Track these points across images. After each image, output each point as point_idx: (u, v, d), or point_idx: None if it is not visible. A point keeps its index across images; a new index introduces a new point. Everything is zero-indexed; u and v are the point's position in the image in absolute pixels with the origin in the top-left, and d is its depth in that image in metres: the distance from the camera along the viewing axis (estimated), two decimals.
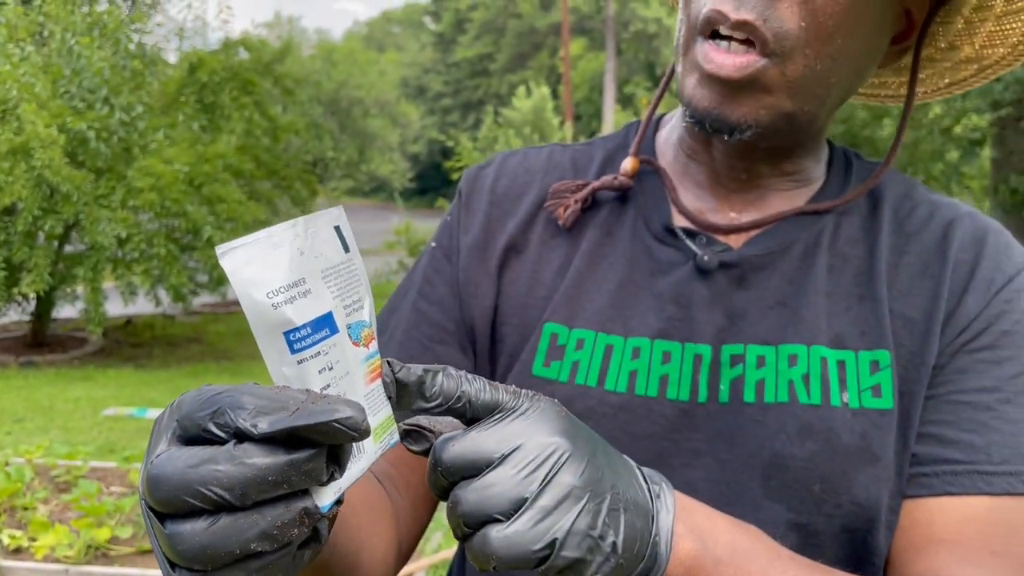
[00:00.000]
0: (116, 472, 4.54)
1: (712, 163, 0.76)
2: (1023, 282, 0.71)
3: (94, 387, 7.53)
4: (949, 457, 0.66)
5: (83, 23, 9.11)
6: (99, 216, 7.70)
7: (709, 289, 0.72)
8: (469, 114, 43.63)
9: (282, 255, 0.45)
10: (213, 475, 0.41)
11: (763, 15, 0.62)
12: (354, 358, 0.48)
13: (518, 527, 0.47)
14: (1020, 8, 0.68)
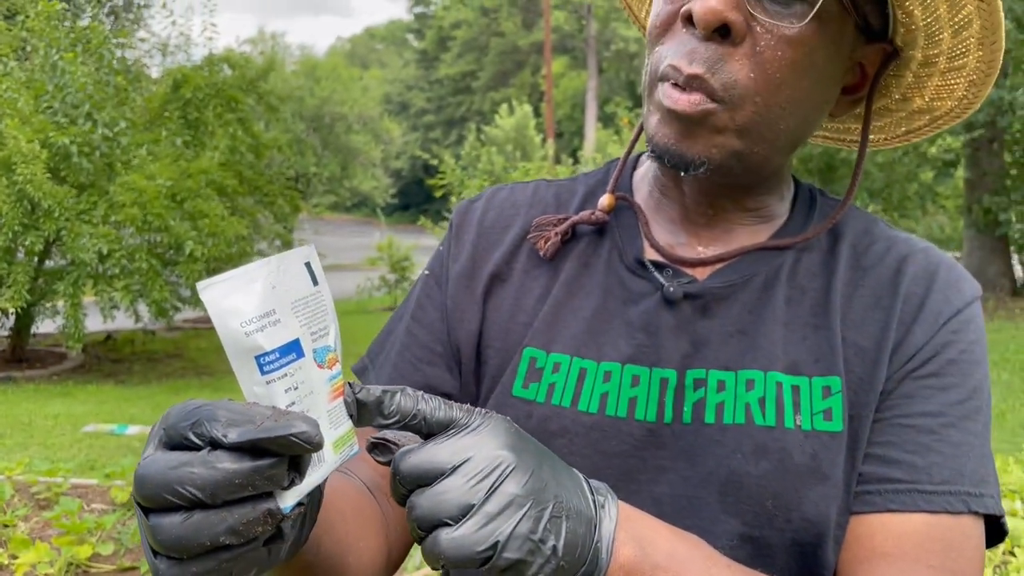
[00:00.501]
0: (97, 489, 4.53)
1: (682, 200, 0.81)
2: (970, 314, 0.75)
3: (74, 403, 7.49)
4: (892, 476, 0.70)
5: (67, 39, 9.11)
6: (80, 231, 7.69)
7: (675, 318, 0.77)
8: (452, 131, 43.76)
9: (256, 289, 0.52)
10: (189, 476, 0.47)
11: (712, 69, 0.68)
12: (318, 378, 0.55)
13: (464, 531, 0.52)
14: (962, 65, 0.74)
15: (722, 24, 0.67)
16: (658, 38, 0.72)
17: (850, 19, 0.70)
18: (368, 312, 14.62)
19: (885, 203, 9.85)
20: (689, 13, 0.68)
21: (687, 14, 0.68)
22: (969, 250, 13.78)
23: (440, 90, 45.35)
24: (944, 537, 0.68)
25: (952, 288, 0.76)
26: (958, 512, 0.69)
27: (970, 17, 0.69)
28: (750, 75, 0.68)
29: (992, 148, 13.10)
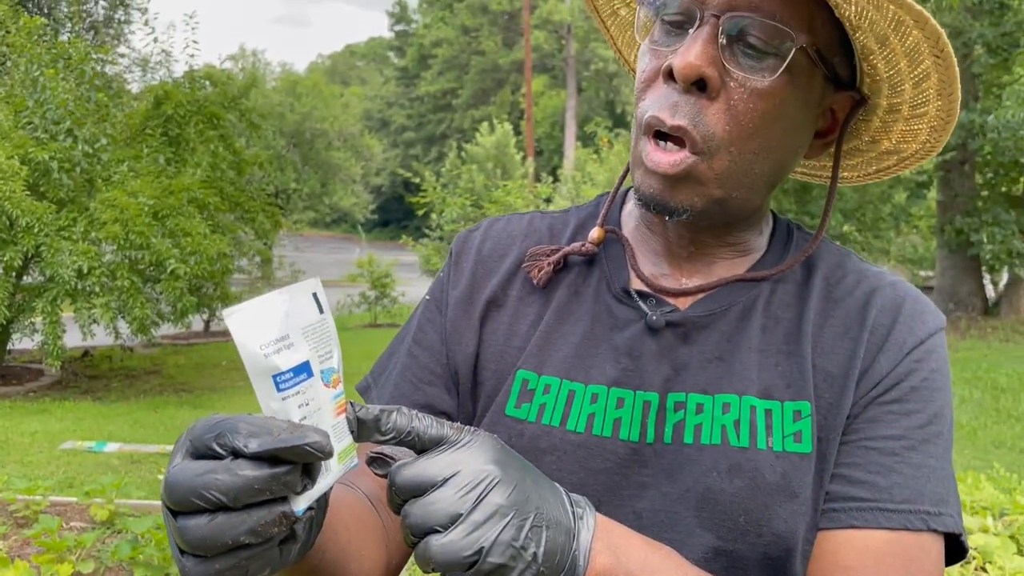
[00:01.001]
0: (76, 507, 4.51)
1: (666, 235, 0.87)
2: (933, 344, 0.80)
3: (51, 420, 7.42)
4: (856, 495, 0.75)
5: (48, 54, 9.09)
6: (60, 247, 7.64)
7: (658, 344, 0.82)
8: (432, 147, 43.86)
9: (273, 316, 0.59)
10: (214, 482, 0.53)
11: (693, 121, 0.73)
12: (324, 397, 0.61)
13: (452, 537, 0.57)
14: (923, 113, 0.80)
15: (699, 78, 0.73)
16: (643, 91, 0.79)
17: (819, 71, 0.76)
18: (348, 329, 14.58)
19: (859, 223, 10.01)
20: (670, 68, 0.74)
21: (668, 69, 0.74)
22: (942, 270, 14.01)
23: (421, 107, 45.49)
24: (904, 553, 0.73)
25: (917, 320, 0.81)
26: (918, 530, 0.74)
27: (928, 71, 0.75)
28: (726, 127, 0.74)
29: (964, 170, 13.36)
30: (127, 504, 4.47)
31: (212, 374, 10.30)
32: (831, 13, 0.73)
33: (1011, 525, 3.99)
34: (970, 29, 12.18)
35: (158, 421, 7.47)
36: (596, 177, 12.52)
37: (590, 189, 11.71)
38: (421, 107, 45.38)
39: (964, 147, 12.72)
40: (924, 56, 0.74)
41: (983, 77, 12.72)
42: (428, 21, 44.94)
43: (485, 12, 38.97)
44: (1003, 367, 9.79)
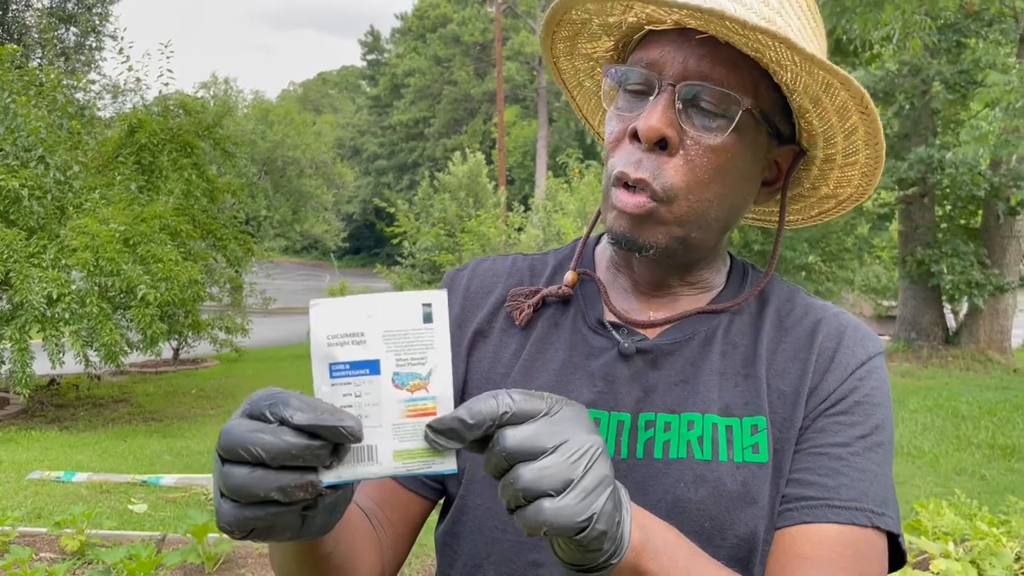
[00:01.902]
0: (46, 538, 4.48)
1: (633, 274, 0.97)
2: (873, 366, 0.90)
3: (17, 450, 7.32)
4: (807, 495, 0.84)
5: (19, 81, 9.07)
6: (29, 274, 7.58)
7: (629, 369, 0.91)
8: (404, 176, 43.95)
9: (350, 314, 0.66)
10: (260, 440, 0.60)
11: (654, 175, 0.84)
12: (389, 396, 0.66)
13: (568, 501, 0.61)
14: (854, 161, 0.92)
15: (660, 138, 0.84)
16: (612, 150, 0.89)
17: (763, 129, 0.88)
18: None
19: (823, 254, 10.23)
20: (635, 130, 0.85)
21: (633, 131, 0.85)
22: (904, 300, 14.31)
23: (393, 136, 45.64)
24: (854, 545, 0.83)
25: (858, 344, 0.92)
26: (863, 525, 0.83)
27: (856, 125, 0.87)
28: (683, 179, 0.85)
29: (924, 203, 13.71)
30: (98, 535, 4.45)
31: (182, 402, 10.21)
32: (772, 79, 0.85)
33: (972, 550, 4.10)
34: (928, 67, 12.57)
35: (127, 451, 7.40)
36: (567, 206, 12.67)
37: (561, 218, 11.85)
38: (393, 136, 45.52)
39: (924, 181, 13.08)
40: (851, 112, 0.85)
41: (941, 113, 13.11)
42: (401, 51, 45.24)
43: (457, 43, 39.35)
44: (963, 395, 10.01)
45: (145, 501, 5.51)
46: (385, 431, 0.65)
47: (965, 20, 12.51)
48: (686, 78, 0.83)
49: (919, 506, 4.66)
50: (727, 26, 0.79)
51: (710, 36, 0.82)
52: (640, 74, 0.86)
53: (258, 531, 0.63)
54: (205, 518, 4.22)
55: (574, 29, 0.96)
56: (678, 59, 0.84)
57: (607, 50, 0.97)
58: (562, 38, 0.98)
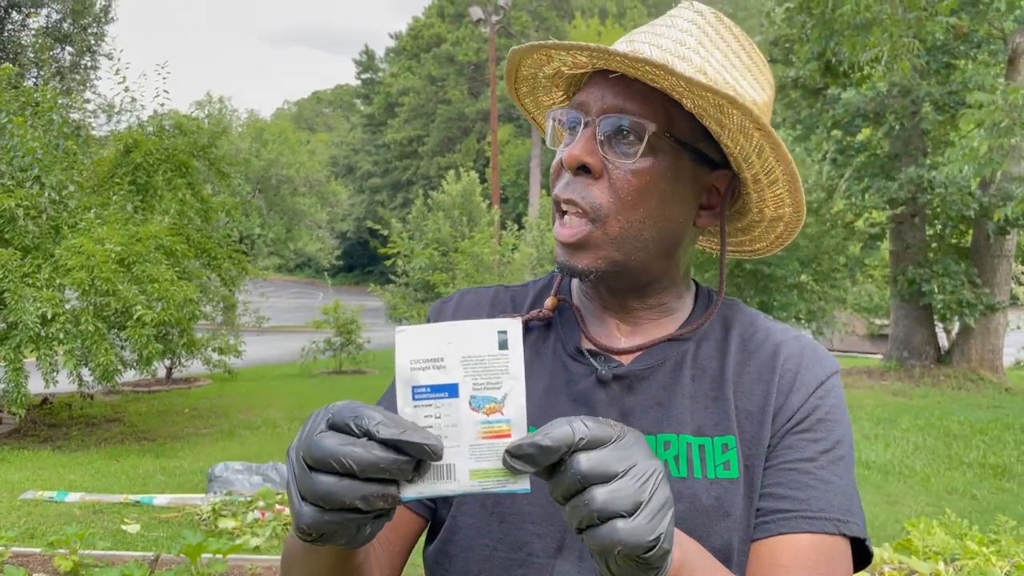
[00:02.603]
0: (39, 558, 4.48)
1: (601, 300, 1.03)
2: (831, 385, 0.97)
3: (10, 470, 7.31)
4: (781, 508, 0.90)
5: (16, 101, 9.11)
6: (24, 294, 7.59)
7: (607, 394, 0.97)
8: (398, 194, 44.07)
9: (433, 340, 0.71)
10: (352, 453, 0.65)
11: (580, 195, 0.92)
12: (467, 418, 0.70)
13: (639, 522, 0.65)
14: (775, 179, 0.98)
15: (581, 165, 0.92)
16: (553, 182, 0.98)
17: (684, 154, 0.94)
18: (313, 376, 14.51)
19: (815, 274, 10.30)
20: (560, 161, 0.95)
21: (560, 162, 0.95)
22: (896, 319, 14.38)
23: (387, 154, 45.78)
24: (826, 553, 0.89)
25: (817, 365, 0.98)
26: (832, 533, 0.89)
27: (761, 142, 0.93)
28: (608, 199, 0.92)
29: (914, 222, 13.82)
30: (91, 555, 4.45)
31: (175, 422, 10.20)
32: None
33: (962, 570, 4.13)
34: (918, 88, 12.72)
35: (120, 470, 7.39)
36: None
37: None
38: (387, 154, 45.66)
39: (914, 201, 13.19)
40: (751, 130, 0.92)
41: (931, 134, 13.25)
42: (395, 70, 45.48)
43: (452, 62, 39.59)
44: (955, 414, 10.06)
45: (138, 521, 5.51)
46: (463, 451, 0.70)
47: (954, 42, 12.67)
48: (604, 112, 0.93)
49: (910, 526, 4.69)
50: (618, 61, 0.89)
51: (624, 75, 0.92)
52: (571, 114, 0.97)
53: (327, 535, 0.68)
54: (199, 538, 4.23)
55: (530, 84, 1.07)
56: (599, 97, 0.94)
57: (559, 100, 1.08)
58: (524, 94, 1.09)
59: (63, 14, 21.43)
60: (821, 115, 14.21)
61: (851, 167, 13.06)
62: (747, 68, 0.98)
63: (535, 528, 0.93)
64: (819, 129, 14.43)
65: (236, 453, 8.00)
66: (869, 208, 13.23)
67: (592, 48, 0.91)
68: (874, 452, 8.11)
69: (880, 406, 10.81)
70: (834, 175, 12.12)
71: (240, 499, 5.70)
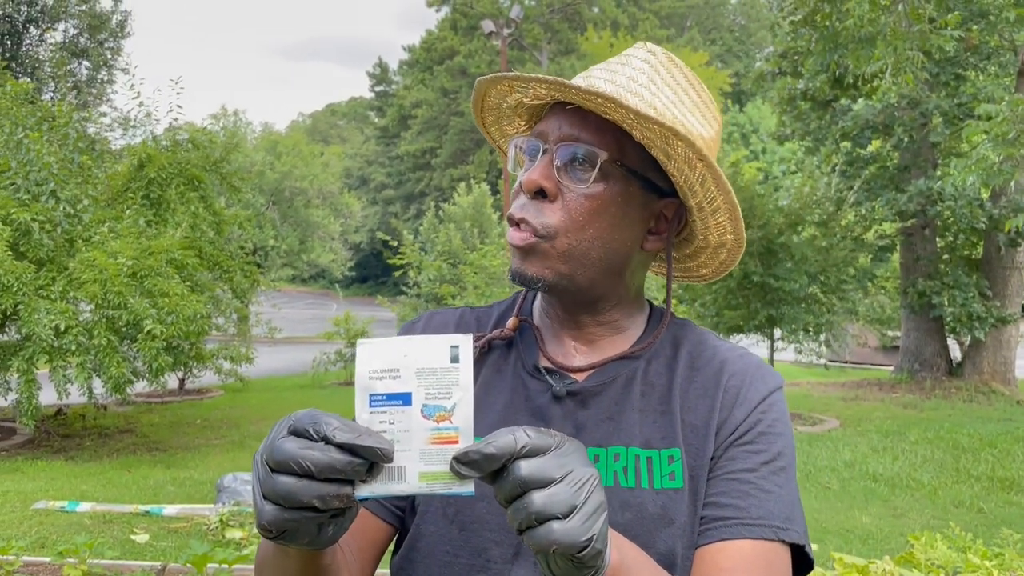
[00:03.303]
0: (49, 567, 4.56)
1: (557, 317, 1.10)
2: (773, 400, 1.03)
3: (23, 480, 7.42)
4: (723, 515, 0.96)
5: (32, 116, 9.27)
6: (38, 306, 7.70)
7: (562, 409, 1.03)
8: (411, 205, 44.28)
9: (390, 352, 0.77)
10: (310, 456, 0.71)
11: (533, 215, 0.99)
12: (419, 424, 0.76)
13: (574, 524, 0.71)
14: (717, 207, 1.05)
15: (539, 189, 1.00)
16: (512, 201, 1.05)
17: (635, 182, 1.01)
18: (324, 387, 14.59)
19: (823, 286, 10.30)
20: (519, 184, 1.02)
21: (519, 185, 1.02)
22: (906, 331, 14.32)
23: (400, 166, 46.01)
24: (766, 557, 0.94)
25: (760, 381, 1.05)
26: (771, 540, 0.95)
27: (704, 173, 1.00)
28: (561, 219, 0.99)
29: (925, 234, 13.77)
30: (100, 564, 4.52)
31: (186, 432, 10.30)
32: None
33: None
34: (927, 100, 12.71)
35: (131, 481, 7.49)
36: None
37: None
38: (400, 166, 45.91)
39: (924, 213, 13.16)
40: (695, 161, 0.99)
41: (941, 146, 13.23)
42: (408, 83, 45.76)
43: (464, 75, 39.80)
44: (965, 427, 10.01)
45: (147, 531, 5.59)
46: (413, 455, 0.75)
47: (964, 54, 12.66)
48: (561, 141, 1.00)
49: (912, 539, 4.68)
50: (573, 93, 0.97)
51: (580, 107, 1.00)
52: (531, 142, 1.04)
53: (288, 532, 0.73)
54: (205, 548, 4.29)
55: (495, 114, 1.14)
56: (556, 127, 1.02)
57: (521, 129, 1.16)
58: (490, 123, 1.16)
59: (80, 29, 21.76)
60: (830, 127, 14.21)
61: (860, 179, 13.05)
62: (695, 104, 1.05)
63: (493, 536, 0.98)
64: (828, 141, 14.43)
65: (246, 464, 8.08)
66: (879, 220, 13.21)
67: (550, 81, 0.98)
68: (881, 465, 8.09)
69: (889, 419, 10.77)
70: (843, 187, 12.12)
71: (248, 509, 5.77)
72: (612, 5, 42.50)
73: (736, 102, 44.75)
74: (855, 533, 5.84)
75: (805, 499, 6.69)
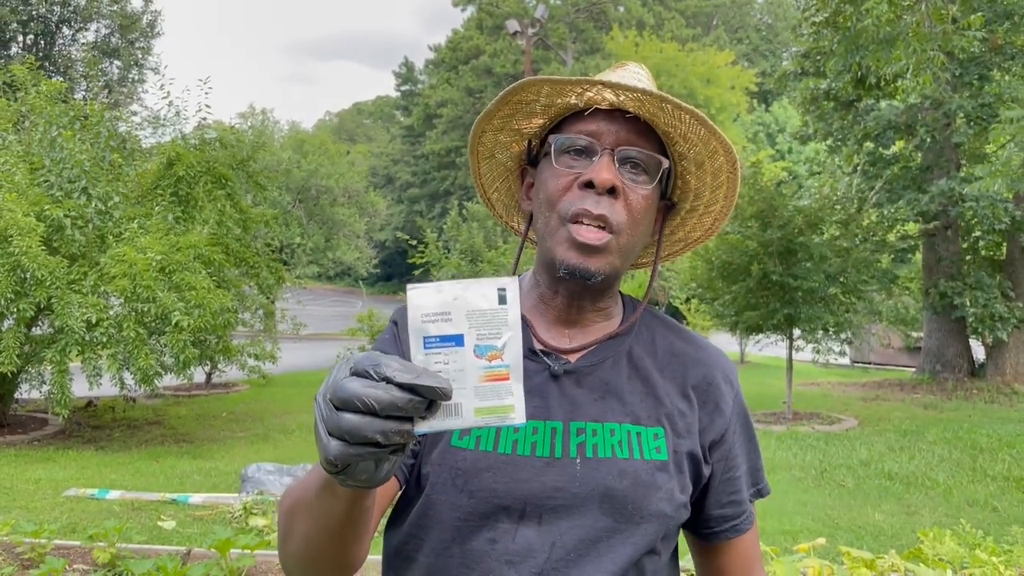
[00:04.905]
0: (79, 551, 4.73)
1: (556, 306, 1.18)
2: (738, 385, 1.22)
3: (55, 468, 7.65)
4: (741, 511, 1.21)
5: (65, 115, 9.51)
6: (70, 300, 7.93)
7: (559, 388, 1.13)
8: (436, 204, 44.44)
9: (440, 297, 0.80)
10: (373, 394, 0.74)
11: (608, 211, 1.08)
12: (472, 363, 0.80)
13: None
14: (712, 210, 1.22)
15: (612, 186, 1.09)
16: (561, 196, 1.12)
17: (659, 185, 1.14)
18: None
19: (843, 287, 10.29)
20: (588, 180, 1.09)
21: (585, 181, 1.09)
22: (928, 332, 14.24)
23: (425, 165, 46.19)
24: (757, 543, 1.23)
25: (729, 371, 1.22)
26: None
27: (723, 181, 1.16)
28: (626, 216, 1.10)
29: (947, 235, 13.69)
30: (128, 548, 4.70)
31: (213, 425, 10.52)
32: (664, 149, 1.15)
33: None
34: (950, 101, 12.64)
35: (159, 470, 7.69)
36: None
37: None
38: (426, 165, 46.10)
39: (946, 213, 13.09)
40: (723, 172, 1.14)
41: (964, 147, 13.15)
42: (434, 82, 45.96)
43: (489, 74, 39.94)
44: (984, 428, 9.97)
45: (174, 518, 5.77)
46: (468, 392, 0.80)
47: (989, 54, 12.58)
48: (619, 144, 1.10)
49: (922, 534, 4.75)
50: (663, 108, 1.08)
51: (632, 116, 1.10)
52: (586, 140, 1.11)
53: (350, 467, 0.77)
54: (229, 534, 4.45)
55: (516, 108, 1.19)
56: (612, 131, 1.10)
57: (538, 127, 1.21)
58: (502, 116, 1.21)
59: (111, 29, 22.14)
60: (852, 127, 14.17)
61: (882, 179, 13.01)
62: None
63: (500, 501, 1.09)
64: (850, 141, 14.39)
65: (269, 455, 8.27)
66: (901, 221, 13.15)
67: (651, 92, 1.07)
68: (897, 464, 8.11)
69: (908, 419, 10.76)
70: (864, 187, 12.10)
71: (271, 499, 5.94)
72: (638, 4, 42.42)
73: (762, 101, 44.48)
74: (867, 530, 5.89)
75: (819, 496, 6.75)
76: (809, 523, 5.93)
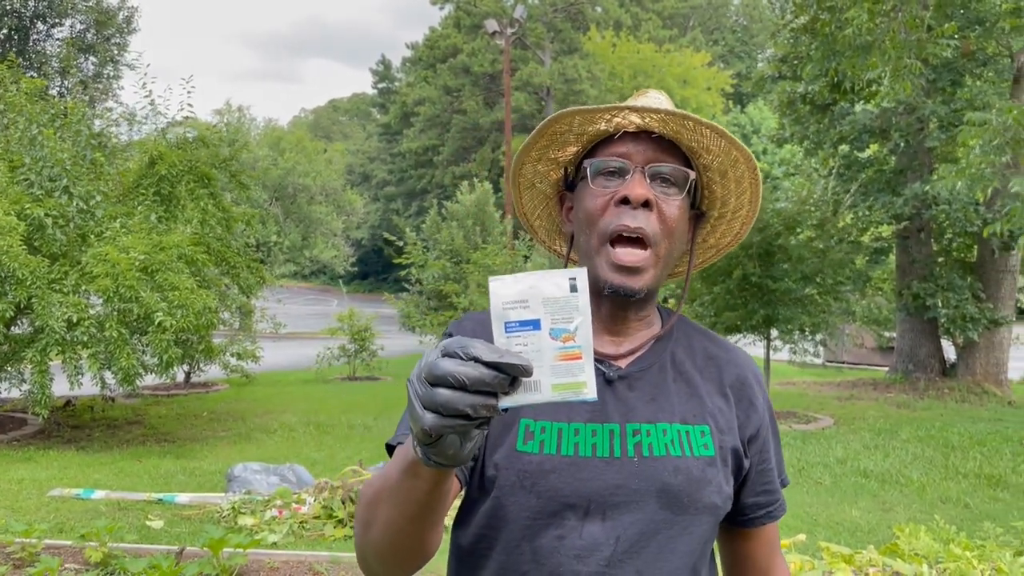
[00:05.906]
0: (70, 550, 4.75)
1: (602, 317, 1.25)
2: (765, 390, 1.33)
3: (37, 468, 7.61)
4: (774, 500, 1.32)
5: (45, 114, 9.44)
6: (51, 299, 7.88)
7: (614, 392, 1.21)
8: (412, 202, 44.38)
9: (519, 286, 0.89)
10: (464, 372, 0.82)
11: (645, 223, 1.17)
12: (548, 345, 0.87)
13: None
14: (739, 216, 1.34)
15: (647, 200, 1.18)
16: (601, 214, 1.21)
17: (688, 196, 1.24)
18: (327, 382, 14.78)
19: (819, 287, 10.48)
20: (623, 196, 1.18)
21: (621, 197, 1.18)
22: (901, 332, 14.51)
23: (402, 163, 46.07)
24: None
25: (758, 372, 1.33)
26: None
27: (746, 187, 1.27)
28: (660, 227, 1.20)
29: (920, 237, 13.96)
30: (120, 547, 4.73)
31: (194, 425, 10.49)
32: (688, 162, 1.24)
33: (944, 572, 4.34)
34: (923, 106, 12.89)
35: (142, 470, 7.68)
36: None
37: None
38: (403, 163, 45.98)
39: (919, 216, 13.35)
40: (745, 179, 1.25)
41: (936, 151, 13.41)
42: (411, 80, 45.84)
43: (467, 73, 39.93)
44: (955, 426, 10.21)
45: (161, 518, 5.79)
46: (545, 370, 0.87)
47: (961, 60, 12.83)
48: (649, 162, 1.19)
49: (897, 530, 4.90)
50: (685, 125, 1.18)
51: (658, 135, 1.20)
52: (618, 162, 1.21)
53: (443, 438, 0.84)
54: (220, 533, 4.50)
55: (551, 139, 1.29)
56: (641, 150, 1.20)
57: (572, 154, 1.30)
58: (539, 147, 1.30)
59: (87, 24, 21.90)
60: (828, 131, 14.39)
61: (857, 182, 13.24)
62: None
63: (566, 500, 1.16)
64: (826, 144, 14.62)
65: (253, 455, 8.28)
66: (875, 223, 13.39)
67: (674, 112, 1.18)
68: (872, 462, 8.29)
69: (882, 418, 10.97)
70: (839, 190, 12.30)
71: (259, 498, 5.97)
72: (615, 5, 42.61)
73: (737, 103, 44.89)
74: (844, 526, 6.04)
75: (797, 494, 6.90)
76: (788, 519, 6.06)
